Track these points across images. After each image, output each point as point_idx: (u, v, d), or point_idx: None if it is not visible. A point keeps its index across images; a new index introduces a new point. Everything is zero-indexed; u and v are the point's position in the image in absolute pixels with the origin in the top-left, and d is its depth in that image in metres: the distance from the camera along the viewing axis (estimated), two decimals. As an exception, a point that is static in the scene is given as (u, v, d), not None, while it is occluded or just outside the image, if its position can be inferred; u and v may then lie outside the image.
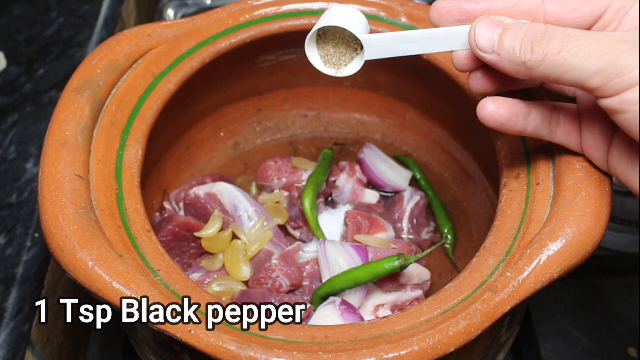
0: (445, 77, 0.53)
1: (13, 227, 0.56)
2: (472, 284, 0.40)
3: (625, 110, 0.34)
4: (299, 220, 0.57)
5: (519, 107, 0.39)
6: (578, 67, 0.34)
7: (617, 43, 0.34)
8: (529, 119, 0.40)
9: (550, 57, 0.35)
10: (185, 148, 0.61)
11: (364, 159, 0.62)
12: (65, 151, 0.43)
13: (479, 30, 0.38)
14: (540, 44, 0.35)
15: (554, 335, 0.61)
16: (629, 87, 0.34)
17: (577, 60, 0.34)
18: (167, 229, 0.53)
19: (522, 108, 0.39)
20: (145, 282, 0.39)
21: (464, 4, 0.39)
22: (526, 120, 0.40)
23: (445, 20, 0.40)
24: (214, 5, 0.92)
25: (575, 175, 0.41)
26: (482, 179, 0.59)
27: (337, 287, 0.49)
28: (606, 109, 0.35)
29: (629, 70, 0.33)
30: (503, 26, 0.37)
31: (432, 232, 0.60)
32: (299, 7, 0.55)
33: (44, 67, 0.69)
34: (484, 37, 0.38)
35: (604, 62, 0.34)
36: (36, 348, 0.52)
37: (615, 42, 0.34)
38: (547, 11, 0.38)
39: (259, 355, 0.36)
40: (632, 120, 0.34)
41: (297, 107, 0.66)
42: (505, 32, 0.37)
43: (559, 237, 0.39)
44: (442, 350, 0.37)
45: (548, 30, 0.36)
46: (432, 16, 0.40)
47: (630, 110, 0.34)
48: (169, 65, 0.51)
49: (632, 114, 0.34)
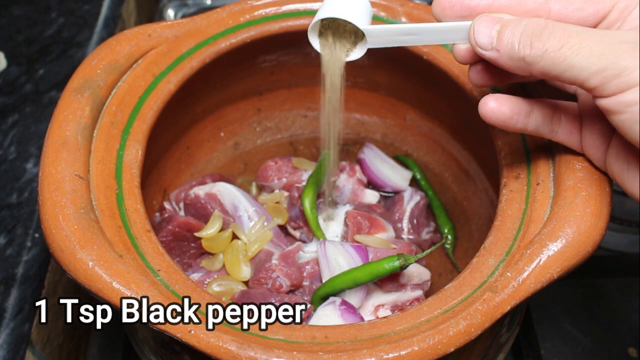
0: (445, 77, 0.53)
1: (13, 227, 0.56)
2: (472, 284, 0.40)
3: (621, 111, 0.34)
4: (299, 220, 0.57)
5: (521, 105, 0.39)
6: (578, 65, 0.34)
7: (619, 43, 0.34)
8: (530, 117, 0.40)
9: (550, 53, 0.35)
10: (185, 148, 0.61)
11: (364, 159, 0.62)
12: (65, 151, 0.43)
13: (478, 27, 0.38)
14: (540, 39, 0.35)
15: (554, 335, 0.61)
16: (627, 88, 0.33)
17: (577, 58, 0.34)
18: (167, 229, 0.53)
19: (524, 106, 0.39)
20: (145, 282, 0.39)
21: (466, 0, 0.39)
22: (527, 118, 0.40)
23: (447, 15, 0.39)
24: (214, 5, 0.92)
25: (575, 175, 0.41)
26: (482, 179, 0.59)
27: (337, 287, 0.49)
28: (603, 108, 0.35)
29: (628, 72, 0.33)
30: (502, 22, 0.37)
31: (432, 232, 0.60)
32: (299, 7, 0.55)
33: (44, 67, 0.69)
34: (482, 34, 0.37)
35: (604, 61, 0.34)
36: (36, 348, 0.52)
37: (616, 41, 0.34)
38: (550, 10, 0.38)
39: (259, 355, 0.36)
40: (627, 121, 0.34)
41: (297, 107, 0.66)
42: (504, 28, 0.37)
43: (559, 237, 0.39)
44: (442, 350, 0.37)
45: (548, 25, 0.36)
46: (434, 10, 0.40)
47: (626, 112, 0.34)
48: (169, 65, 0.51)
49: (628, 115, 0.34)
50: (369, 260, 0.51)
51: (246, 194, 0.57)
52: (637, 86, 0.33)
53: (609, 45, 0.34)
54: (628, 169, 0.38)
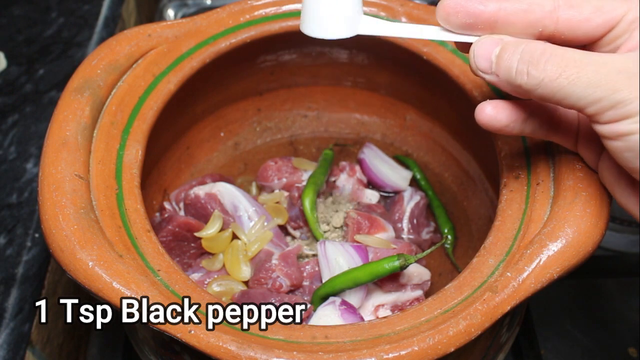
0: (445, 77, 0.53)
1: (13, 227, 0.56)
2: (472, 284, 0.40)
3: (615, 138, 0.35)
4: (299, 220, 0.57)
5: (518, 111, 0.39)
6: (575, 95, 0.34)
7: (616, 73, 0.34)
8: (527, 123, 0.40)
9: (547, 82, 0.35)
10: (185, 148, 0.61)
11: (364, 159, 0.62)
12: (65, 151, 0.43)
13: (478, 50, 0.38)
14: (537, 67, 0.35)
15: (554, 335, 0.61)
16: (622, 118, 0.34)
17: (574, 88, 0.34)
18: (167, 229, 0.53)
19: (521, 113, 0.39)
20: (145, 282, 0.39)
21: (471, 5, 0.38)
22: (524, 124, 0.39)
23: (452, 21, 0.39)
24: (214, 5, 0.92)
25: (575, 175, 0.41)
26: (482, 179, 0.59)
27: (337, 287, 0.49)
28: (598, 133, 0.36)
29: (624, 104, 0.33)
30: (502, 45, 0.37)
31: (432, 232, 0.60)
32: (298, 7, 0.55)
33: (44, 67, 0.69)
34: (482, 57, 0.37)
35: (600, 93, 0.34)
36: (36, 348, 0.52)
37: (614, 71, 0.34)
38: (558, 19, 0.37)
39: (259, 355, 0.36)
40: (619, 148, 0.35)
41: (297, 107, 0.66)
42: (503, 52, 0.37)
43: (559, 237, 0.39)
44: (442, 350, 0.37)
45: (546, 50, 0.35)
46: (439, 15, 0.39)
47: (620, 140, 0.35)
48: (169, 65, 0.51)
49: (621, 143, 0.35)
50: (369, 260, 0.51)
51: (246, 194, 0.57)
52: (632, 117, 0.34)
53: (606, 76, 0.34)
54: (619, 181, 0.39)
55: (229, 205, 0.55)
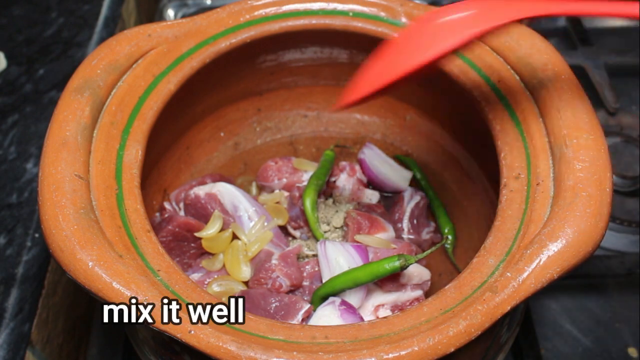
0: (445, 77, 0.53)
1: (13, 227, 0.56)
2: (472, 284, 0.40)
3: None
4: (299, 220, 0.57)
5: None
6: None
7: None
8: None
9: None
10: (185, 148, 0.61)
11: (364, 159, 0.62)
12: (65, 151, 0.43)
13: None
14: None
15: (554, 335, 0.61)
16: None
17: None
18: (167, 229, 0.53)
19: None
20: (145, 282, 0.39)
21: None
22: None
23: None
24: (214, 5, 0.92)
25: (575, 175, 0.41)
26: (482, 179, 0.59)
27: (337, 287, 0.49)
28: None
29: None
30: None
31: (432, 232, 0.60)
32: (298, 7, 0.55)
33: (44, 67, 0.69)
34: None
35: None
36: (36, 348, 0.52)
37: None
38: None
39: (259, 355, 0.36)
40: None
41: (297, 107, 0.66)
42: None
43: (559, 238, 0.39)
44: (442, 350, 0.37)
45: None
46: None
47: None
48: (169, 65, 0.51)
49: None
50: (369, 260, 0.51)
51: (246, 194, 0.57)
52: None
53: None
54: None
55: (229, 205, 0.55)
